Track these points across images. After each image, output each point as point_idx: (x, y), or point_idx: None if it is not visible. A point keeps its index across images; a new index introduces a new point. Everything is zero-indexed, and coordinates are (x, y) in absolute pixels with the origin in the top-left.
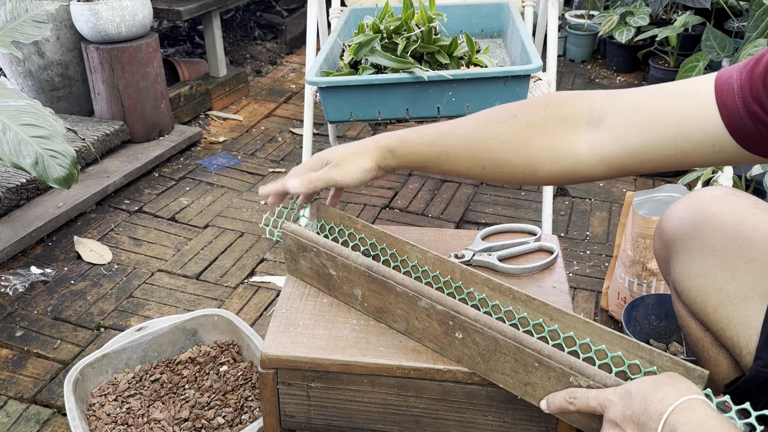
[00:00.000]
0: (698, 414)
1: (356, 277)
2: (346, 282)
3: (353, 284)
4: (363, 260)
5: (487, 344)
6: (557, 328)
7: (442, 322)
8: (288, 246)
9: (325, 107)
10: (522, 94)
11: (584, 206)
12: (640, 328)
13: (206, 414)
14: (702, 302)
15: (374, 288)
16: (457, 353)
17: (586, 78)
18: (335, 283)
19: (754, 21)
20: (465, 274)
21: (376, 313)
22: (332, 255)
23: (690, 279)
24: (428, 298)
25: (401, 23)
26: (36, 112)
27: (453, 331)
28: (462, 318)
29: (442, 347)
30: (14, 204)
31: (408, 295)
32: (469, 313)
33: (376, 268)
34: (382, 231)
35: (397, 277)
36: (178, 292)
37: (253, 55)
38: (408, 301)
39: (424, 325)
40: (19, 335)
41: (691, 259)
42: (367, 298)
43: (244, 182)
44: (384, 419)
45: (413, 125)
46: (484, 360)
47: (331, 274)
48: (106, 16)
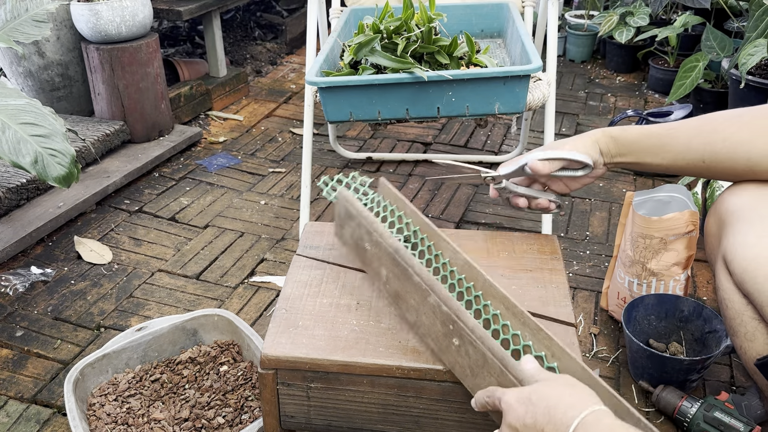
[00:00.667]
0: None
1: (384, 257)
2: (376, 259)
3: (381, 263)
4: (392, 242)
5: (477, 358)
6: (555, 366)
7: (444, 324)
8: (339, 211)
9: (325, 107)
10: (522, 94)
11: (584, 206)
12: (639, 327)
13: (206, 414)
14: (753, 271)
15: (397, 272)
16: (451, 360)
17: (586, 78)
18: (368, 257)
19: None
20: (486, 285)
21: (394, 297)
22: (370, 230)
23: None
24: (437, 295)
25: (401, 23)
26: (35, 111)
27: (452, 335)
28: (461, 325)
29: (440, 350)
30: (14, 204)
31: (421, 287)
32: (468, 322)
33: (401, 253)
34: (427, 221)
35: (416, 267)
36: (178, 292)
37: (253, 55)
38: (420, 293)
39: (429, 322)
40: (20, 335)
41: (749, 228)
42: (390, 281)
43: (244, 182)
44: (384, 419)
45: (413, 125)
46: (473, 374)
47: (366, 248)
48: (107, 16)
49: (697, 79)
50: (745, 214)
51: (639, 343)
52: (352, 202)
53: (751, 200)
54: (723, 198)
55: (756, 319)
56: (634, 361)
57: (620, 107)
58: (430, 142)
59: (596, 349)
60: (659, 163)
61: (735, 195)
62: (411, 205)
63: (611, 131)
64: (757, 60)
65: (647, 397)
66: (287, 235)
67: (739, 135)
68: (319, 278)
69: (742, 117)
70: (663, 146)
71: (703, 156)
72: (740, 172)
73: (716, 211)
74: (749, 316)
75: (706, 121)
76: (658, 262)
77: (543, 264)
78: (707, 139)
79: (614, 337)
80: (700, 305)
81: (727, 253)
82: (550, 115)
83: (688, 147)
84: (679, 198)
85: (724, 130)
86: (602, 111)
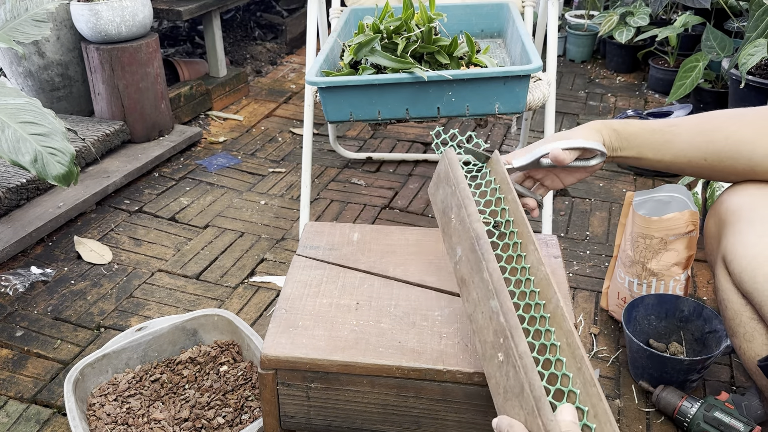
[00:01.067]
0: None
1: (465, 238)
2: (456, 235)
3: (460, 241)
4: (477, 226)
5: (514, 385)
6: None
7: (496, 334)
8: (439, 170)
9: (325, 107)
10: (522, 94)
11: (584, 206)
12: (640, 328)
13: (206, 414)
14: (752, 270)
15: (471, 258)
16: (490, 371)
17: (586, 78)
18: (450, 229)
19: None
20: (557, 311)
21: (460, 281)
22: (461, 203)
23: (745, 247)
24: (499, 302)
25: (401, 23)
26: (35, 110)
27: (499, 349)
28: (511, 344)
29: (484, 357)
30: (14, 204)
31: (488, 286)
32: (519, 346)
33: (482, 242)
34: (523, 216)
35: (491, 263)
36: (178, 292)
37: (253, 55)
38: (485, 291)
39: (483, 324)
40: (19, 335)
41: (749, 228)
42: (461, 262)
43: (244, 182)
44: (384, 420)
45: (413, 125)
46: (505, 397)
47: (452, 219)
48: (106, 16)
49: (697, 79)
50: (744, 215)
51: (639, 343)
52: (454, 166)
53: (751, 200)
54: (722, 198)
55: (755, 319)
56: (635, 361)
57: (620, 107)
58: (430, 142)
59: (596, 349)
60: (660, 159)
61: (734, 195)
62: (515, 192)
63: (612, 123)
64: (757, 60)
65: (647, 397)
66: (287, 235)
67: (743, 134)
68: (319, 278)
69: (745, 116)
70: (665, 142)
71: (705, 154)
72: (741, 172)
73: (716, 212)
74: (748, 317)
75: (708, 118)
76: (659, 262)
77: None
78: (710, 137)
79: (614, 337)
80: (700, 305)
81: (726, 253)
82: (550, 115)
83: (690, 144)
84: (679, 198)
85: (727, 128)
86: (602, 111)
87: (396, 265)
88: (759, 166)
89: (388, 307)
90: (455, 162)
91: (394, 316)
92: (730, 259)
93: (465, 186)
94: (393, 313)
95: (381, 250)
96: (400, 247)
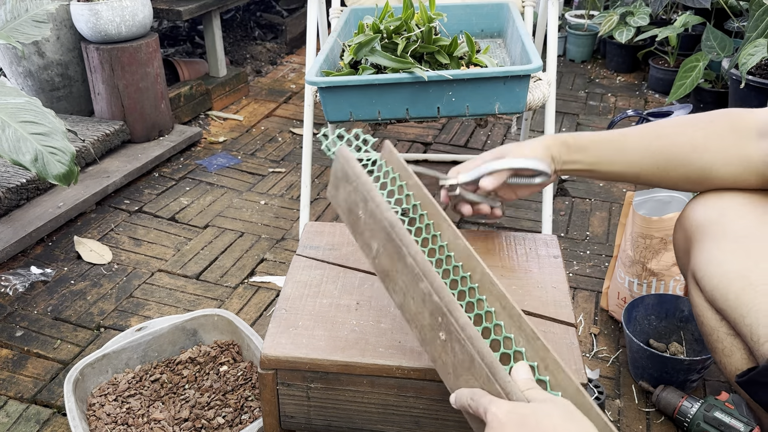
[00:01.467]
0: None
1: (378, 230)
2: (368, 230)
3: (373, 235)
4: (389, 215)
5: (463, 359)
6: (547, 381)
7: (432, 315)
8: (335, 170)
9: (325, 107)
10: (522, 94)
11: (584, 206)
12: (640, 328)
13: (206, 414)
14: (723, 288)
15: (389, 248)
16: (434, 354)
17: (586, 78)
18: (359, 226)
19: (754, 21)
20: (484, 279)
21: (382, 274)
22: (366, 197)
23: (713, 264)
24: (429, 283)
25: (401, 23)
26: (35, 110)
27: (439, 329)
28: (451, 320)
29: (424, 341)
30: (14, 204)
31: (414, 270)
32: (459, 319)
33: (397, 228)
34: (429, 197)
35: (411, 247)
36: (178, 292)
37: (253, 55)
38: (411, 276)
39: (417, 309)
40: (19, 335)
41: (715, 245)
42: (380, 255)
43: (244, 182)
44: (384, 420)
45: (413, 125)
46: (455, 374)
47: (360, 215)
48: (106, 16)
49: (697, 79)
50: (710, 230)
51: (639, 343)
52: (351, 162)
53: (716, 214)
54: (687, 212)
55: (731, 334)
56: (635, 361)
57: (620, 107)
58: (430, 142)
59: (596, 349)
60: (612, 170)
61: (699, 209)
62: (415, 177)
63: (564, 137)
64: (757, 60)
65: (647, 397)
66: (287, 235)
67: (694, 139)
68: (319, 278)
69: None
70: (616, 151)
71: (658, 161)
72: (696, 179)
73: (682, 226)
74: (724, 332)
75: (660, 126)
76: (659, 262)
77: (543, 264)
78: (661, 143)
79: (614, 337)
80: None
81: (696, 270)
82: (550, 115)
83: (642, 152)
84: (679, 198)
85: (678, 134)
86: (602, 111)
87: None
88: (712, 173)
89: (388, 307)
90: (351, 158)
91: (394, 316)
92: (700, 277)
93: (367, 179)
94: (393, 313)
95: None
96: None
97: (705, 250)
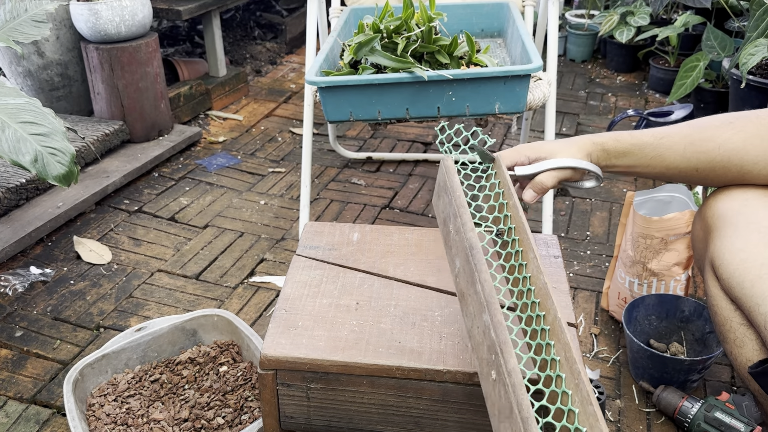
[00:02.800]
0: None
1: (461, 248)
2: (455, 246)
3: (458, 252)
4: (471, 236)
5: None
6: None
7: (489, 350)
8: (439, 179)
9: (325, 107)
10: (522, 94)
11: (584, 206)
12: (640, 328)
13: (206, 414)
14: (740, 276)
15: (466, 269)
16: (486, 390)
17: (586, 78)
18: (449, 240)
19: (755, 21)
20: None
21: (460, 294)
22: (456, 213)
23: (731, 252)
24: (490, 316)
25: (401, 23)
26: (35, 110)
27: (491, 366)
28: (501, 360)
29: (481, 375)
30: (14, 204)
31: (480, 299)
32: (509, 362)
33: (474, 251)
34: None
35: (482, 274)
36: (177, 292)
37: (253, 55)
38: (478, 305)
39: (479, 340)
40: (19, 335)
41: (735, 234)
42: (460, 275)
43: (243, 182)
44: (384, 420)
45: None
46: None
47: (450, 230)
48: (106, 15)
49: (697, 79)
50: (731, 219)
51: (640, 344)
52: (450, 174)
53: (738, 205)
54: (709, 203)
55: (744, 324)
56: (635, 362)
57: (621, 107)
58: (430, 142)
59: (597, 349)
60: (649, 172)
61: (721, 200)
62: (516, 197)
63: (602, 141)
64: (757, 60)
65: (648, 397)
66: (287, 235)
67: (733, 142)
68: (319, 278)
69: (734, 123)
70: (656, 156)
71: (697, 164)
72: (732, 178)
73: (702, 216)
74: (738, 322)
75: (699, 128)
76: (659, 262)
77: (543, 264)
78: (701, 148)
79: (615, 337)
80: (700, 305)
81: (714, 258)
82: (551, 114)
83: (682, 155)
84: (679, 198)
85: (718, 137)
86: (603, 111)
87: (396, 265)
88: (749, 173)
89: (388, 307)
90: (452, 170)
91: (394, 316)
92: (718, 264)
93: (460, 194)
94: (393, 313)
95: (381, 250)
96: (399, 247)
97: (724, 238)
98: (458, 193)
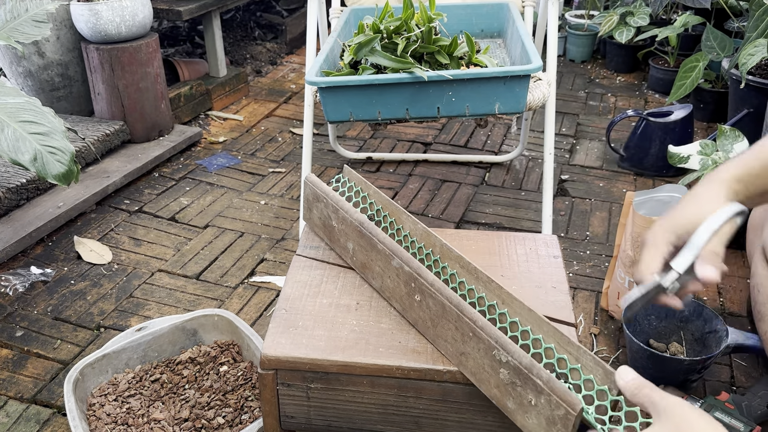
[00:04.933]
0: None
1: (350, 231)
2: (342, 234)
3: (348, 237)
4: (357, 216)
5: (436, 309)
6: (506, 312)
7: (407, 284)
8: (306, 195)
9: (325, 107)
10: (522, 94)
11: (584, 206)
12: (640, 328)
13: (206, 414)
14: None
15: (362, 243)
16: (414, 316)
17: (586, 78)
18: (335, 234)
19: (754, 21)
20: (443, 250)
21: (361, 268)
22: (336, 208)
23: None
24: (399, 258)
25: (401, 23)
26: (34, 110)
27: (414, 293)
28: (421, 281)
29: (404, 309)
30: (14, 204)
31: (385, 253)
32: (428, 277)
33: (366, 225)
34: (388, 200)
35: (380, 235)
36: (178, 292)
37: (253, 55)
38: (384, 259)
39: (393, 284)
40: (19, 335)
41: None
42: (356, 253)
43: (244, 182)
44: (384, 420)
45: (413, 125)
46: (433, 325)
47: (333, 225)
48: (106, 16)
49: (697, 79)
50: None
51: (639, 344)
52: (318, 185)
53: None
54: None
55: None
56: (635, 362)
57: (620, 107)
58: (430, 142)
59: (596, 349)
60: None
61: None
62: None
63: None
64: (757, 60)
65: None
66: (287, 235)
67: None
68: (319, 278)
69: None
70: None
71: None
72: None
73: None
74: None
75: None
76: None
77: (543, 264)
78: None
79: (614, 337)
80: (700, 305)
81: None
82: (551, 115)
83: None
84: (679, 198)
85: None
86: (602, 111)
87: None
88: None
89: (388, 307)
90: (318, 181)
91: (394, 316)
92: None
93: (334, 194)
94: (393, 313)
95: None
96: None
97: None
98: (332, 194)
